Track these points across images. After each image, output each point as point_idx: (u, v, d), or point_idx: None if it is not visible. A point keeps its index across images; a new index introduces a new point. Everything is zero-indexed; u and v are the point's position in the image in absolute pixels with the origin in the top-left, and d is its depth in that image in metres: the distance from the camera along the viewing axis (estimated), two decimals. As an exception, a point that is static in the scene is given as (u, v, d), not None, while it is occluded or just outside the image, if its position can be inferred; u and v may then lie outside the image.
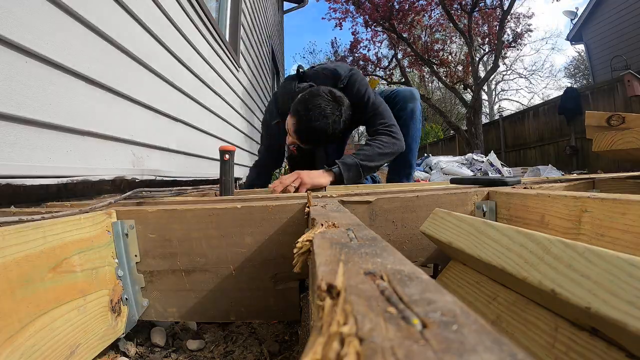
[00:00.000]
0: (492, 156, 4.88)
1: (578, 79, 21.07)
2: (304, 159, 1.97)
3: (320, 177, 1.38)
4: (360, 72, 1.78)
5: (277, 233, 0.76)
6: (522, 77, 24.80)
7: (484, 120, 14.81)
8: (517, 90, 28.39)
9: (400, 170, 2.00)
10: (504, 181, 0.98)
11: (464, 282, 0.59)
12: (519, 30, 10.61)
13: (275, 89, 7.70)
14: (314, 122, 1.44)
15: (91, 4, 1.26)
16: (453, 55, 12.98)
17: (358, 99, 1.67)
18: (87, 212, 0.72)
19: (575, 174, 3.43)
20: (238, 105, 3.66)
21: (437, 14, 10.91)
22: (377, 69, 12.19)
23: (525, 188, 0.93)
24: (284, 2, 9.04)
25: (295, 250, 0.40)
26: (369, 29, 10.53)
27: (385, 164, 1.92)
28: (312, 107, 1.45)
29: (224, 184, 1.21)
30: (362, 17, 10.05)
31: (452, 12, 9.17)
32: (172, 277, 0.77)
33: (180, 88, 2.07)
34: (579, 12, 12.15)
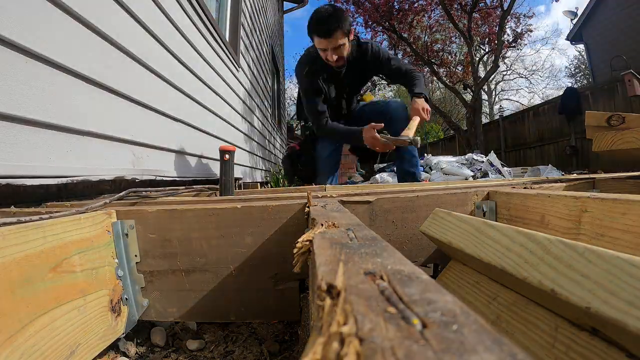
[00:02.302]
0: (492, 156, 4.88)
1: (578, 78, 21.06)
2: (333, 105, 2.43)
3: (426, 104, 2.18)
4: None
5: (277, 233, 0.76)
6: (522, 77, 24.80)
7: (484, 120, 14.82)
8: (517, 90, 28.28)
9: (408, 173, 2.36)
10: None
11: (464, 282, 0.59)
12: (519, 30, 10.59)
13: (276, 89, 7.71)
14: (323, 13, 2.01)
15: (91, 4, 1.26)
16: (453, 55, 12.97)
17: (378, 57, 2.29)
18: (84, 212, 0.72)
19: (575, 174, 3.42)
20: (238, 105, 3.66)
21: (437, 14, 10.90)
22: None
23: (525, 188, 0.93)
24: (284, 2, 9.04)
25: (295, 250, 0.40)
26: (368, 29, 10.52)
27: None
28: (316, 10, 2.06)
29: (224, 184, 1.21)
30: (362, 17, 10.04)
31: (452, 12, 9.16)
32: (172, 277, 0.77)
33: (180, 88, 2.07)
34: (579, 12, 12.15)
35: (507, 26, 9.63)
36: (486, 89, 22.58)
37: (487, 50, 11.13)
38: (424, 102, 2.17)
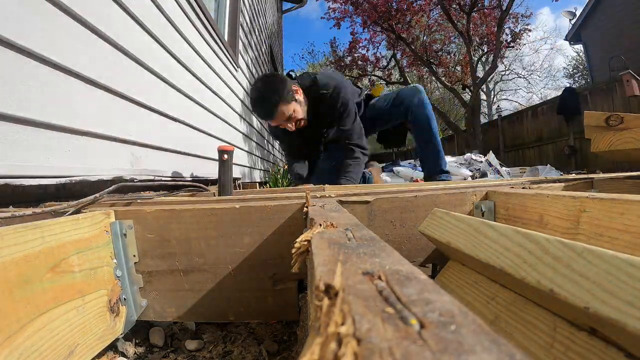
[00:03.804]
0: (491, 156, 4.88)
1: (577, 79, 21.10)
2: (306, 143, 2.37)
3: None
4: (346, 86, 2.07)
5: (275, 233, 0.76)
6: (520, 77, 24.82)
7: (483, 120, 14.83)
8: (515, 90, 28.26)
9: (429, 162, 2.33)
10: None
11: (462, 282, 0.59)
12: (517, 30, 10.61)
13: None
14: (256, 92, 1.84)
15: (90, 4, 1.26)
16: (452, 55, 13.00)
17: (337, 110, 2.03)
18: (74, 207, 0.72)
19: (573, 174, 3.43)
20: (237, 105, 3.65)
21: (436, 14, 10.92)
22: (376, 69, 12.20)
23: (523, 188, 0.93)
24: (283, 2, 9.03)
25: (293, 250, 0.40)
26: (367, 29, 10.52)
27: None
28: (253, 88, 1.87)
29: (222, 184, 1.21)
30: (360, 18, 10.05)
31: (451, 12, 9.18)
32: (171, 277, 0.77)
33: (178, 88, 2.07)
34: (578, 13, 12.18)
35: (505, 26, 9.64)
36: (485, 89, 22.60)
37: (485, 50, 11.14)
38: None
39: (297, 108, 1.91)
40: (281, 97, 1.81)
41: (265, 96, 1.80)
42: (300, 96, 1.94)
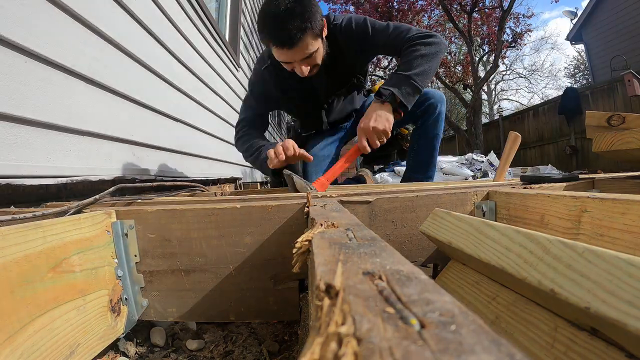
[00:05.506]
0: (492, 156, 4.87)
1: (578, 78, 21.06)
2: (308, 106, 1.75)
3: (384, 115, 1.32)
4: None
5: (276, 233, 0.76)
6: (521, 77, 24.79)
7: (484, 120, 14.81)
8: (516, 90, 28.30)
9: (420, 169, 1.83)
10: (576, 176, 1.11)
11: (463, 282, 0.59)
12: (518, 30, 10.60)
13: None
14: (280, 8, 1.24)
15: (90, 4, 1.26)
16: (452, 55, 12.98)
17: (359, 32, 1.50)
18: (75, 209, 0.72)
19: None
20: (238, 106, 3.66)
21: (437, 14, 10.91)
22: (377, 68, 12.18)
23: (524, 188, 0.93)
24: (284, 2, 9.02)
25: (294, 250, 0.40)
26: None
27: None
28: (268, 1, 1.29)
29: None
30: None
31: (452, 12, 9.17)
32: (172, 277, 0.77)
33: (180, 88, 2.07)
34: (579, 12, 12.17)
35: (506, 26, 9.63)
36: (486, 89, 22.58)
37: (486, 50, 11.13)
38: (385, 110, 1.34)
39: (321, 49, 1.40)
40: (314, 23, 1.29)
41: (295, 14, 1.24)
42: (325, 32, 1.44)
